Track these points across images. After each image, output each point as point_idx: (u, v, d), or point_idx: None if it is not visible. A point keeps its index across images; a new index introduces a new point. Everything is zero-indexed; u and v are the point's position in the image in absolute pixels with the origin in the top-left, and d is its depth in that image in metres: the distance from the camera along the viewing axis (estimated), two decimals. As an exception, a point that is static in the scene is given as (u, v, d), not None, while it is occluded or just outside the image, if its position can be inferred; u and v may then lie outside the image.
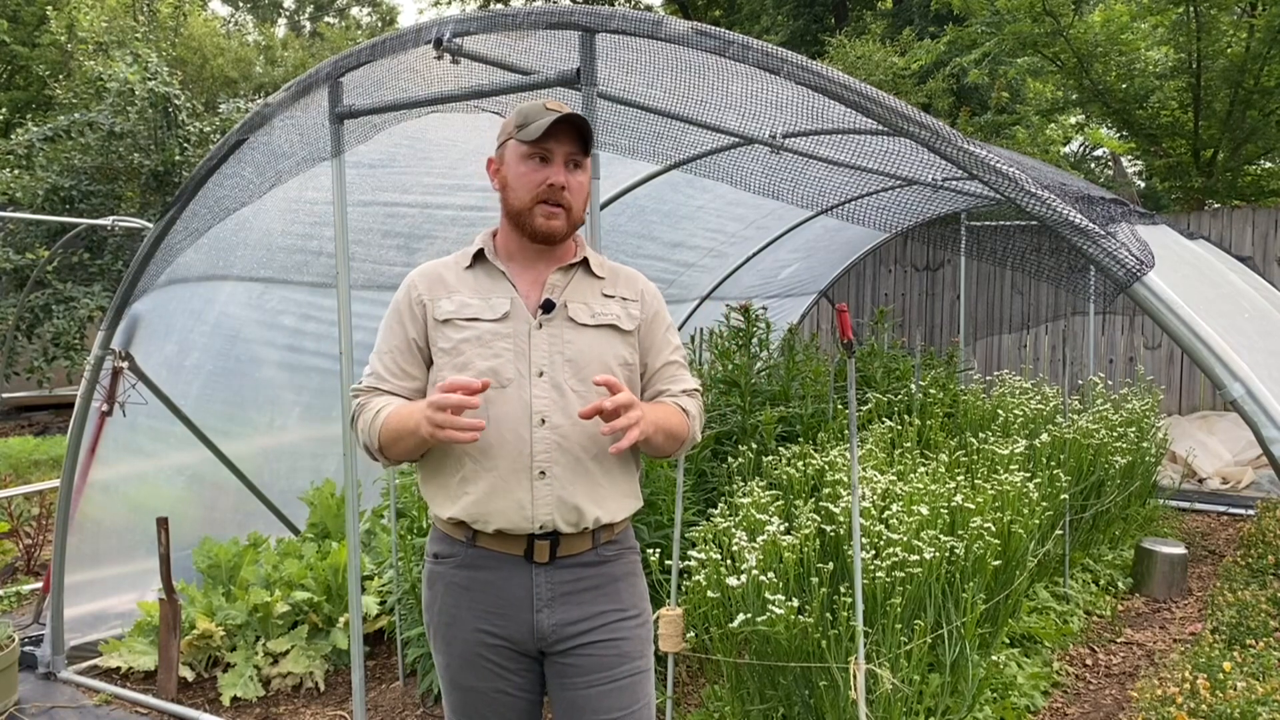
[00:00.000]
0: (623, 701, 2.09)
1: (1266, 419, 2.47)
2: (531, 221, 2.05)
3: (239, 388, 4.90)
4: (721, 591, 3.18)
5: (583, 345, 2.05)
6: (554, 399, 2.01)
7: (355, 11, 30.19)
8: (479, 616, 2.08)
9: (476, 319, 2.05)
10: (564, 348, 2.04)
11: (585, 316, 2.07)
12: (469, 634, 2.08)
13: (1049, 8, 10.30)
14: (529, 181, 2.03)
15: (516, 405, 2.01)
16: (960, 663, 3.57)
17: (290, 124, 3.65)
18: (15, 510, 6.27)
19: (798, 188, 4.44)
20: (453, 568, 2.09)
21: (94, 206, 10.60)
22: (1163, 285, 2.58)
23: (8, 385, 10.56)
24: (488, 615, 2.07)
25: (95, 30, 13.32)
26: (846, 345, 3.04)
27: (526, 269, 2.10)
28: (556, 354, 2.03)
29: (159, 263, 4.20)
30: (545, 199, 2.02)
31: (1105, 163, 18.04)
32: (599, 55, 2.83)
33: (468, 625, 2.08)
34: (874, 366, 6.08)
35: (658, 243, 6.37)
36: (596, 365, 2.05)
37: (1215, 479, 7.94)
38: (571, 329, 2.05)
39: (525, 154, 2.04)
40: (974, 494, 3.91)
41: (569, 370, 2.03)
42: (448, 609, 2.11)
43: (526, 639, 2.07)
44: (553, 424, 2.01)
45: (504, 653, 2.09)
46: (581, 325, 2.06)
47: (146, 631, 4.41)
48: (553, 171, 2.02)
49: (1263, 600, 4.49)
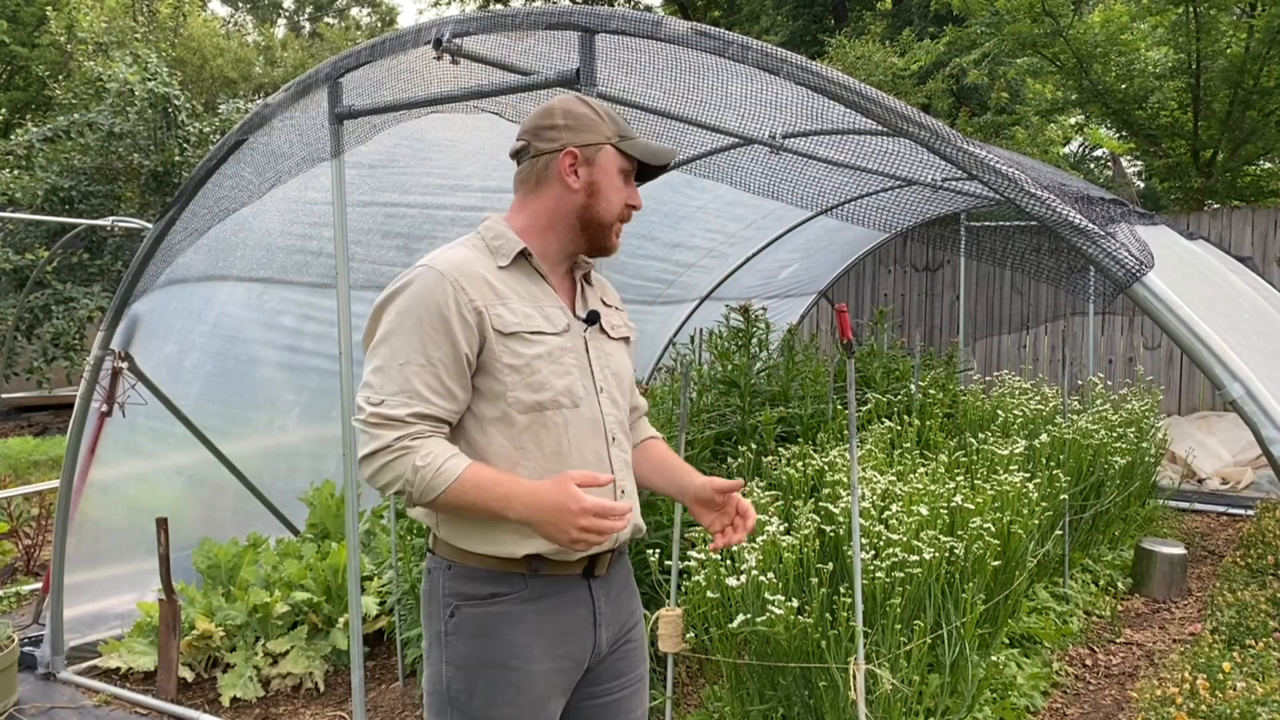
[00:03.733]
0: (644, 696, 2.09)
1: (1266, 419, 2.47)
2: (609, 237, 1.97)
3: (238, 388, 4.90)
4: (721, 592, 3.18)
5: (618, 358, 2.01)
6: (615, 415, 1.97)
7: (355, 12, 30.20)
8: (548, 650, 1.89)
9: (541, 332, 1.88)
10: (608, 361, 1.98)
11: (609, 328, 2.01)
12: (542, 671, 1.88)
13: (1049, 8, 10.31)
14: (621, 196, 1.95)
15: (591, 424, 1.91)
16: (960, 663, 3.57)
17: (290, 124, 3.65)
18: (15, 511, 6.27)
19: (797, 188, 4.45)
20: (515, 604, 1.86)
21: (93, 207, 10.60)
22: (1162, 286, 2.58)
23: (7, 386, 10.56)
24: (556, 644, 1.90)
25: (95, 31, 13.32)
26: (846, 346, 3.04)
27: (555, 275, 1.98)
28: (605, 368, 1.96)
29: (159, 263, 4.20)
30: (623, 218, 1.97)
31: (1105, 163, 18.05)
32: (598, 55, 2.83)
33: (541, 663, 1.87)
34: (874, 367, 6.08)
35: (657, 243, 6.37)
36: (627, 378, 2.03)
37: (1215, 479, 7.94)
38: (607, 342, 1.99)
39: (621, 167, 1.95)
40: (973, 494, 3.91)
41: (614, 384, 1.98)
42: (518, 649, 1.86)
43: (588, 659, 1.96)
44: (619, 442, 1.97)
45: (569, 681, 1.94)
46: (611, 338, 2.01)
47: (146, 632, 4.41)
48: (634, 193, 1.99)
49: (1262, 600, 4.49)
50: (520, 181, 1.97)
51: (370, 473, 1.78)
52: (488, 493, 1.75)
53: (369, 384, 1.80)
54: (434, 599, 1.91)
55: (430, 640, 1.93)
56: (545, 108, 1.96)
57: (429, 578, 1.93)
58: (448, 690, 1.88)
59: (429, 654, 1.94)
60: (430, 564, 1.94)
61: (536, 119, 1.95)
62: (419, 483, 1.73)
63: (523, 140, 1.95)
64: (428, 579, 1.94)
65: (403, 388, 1.78)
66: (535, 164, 1.93)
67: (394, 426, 1.76)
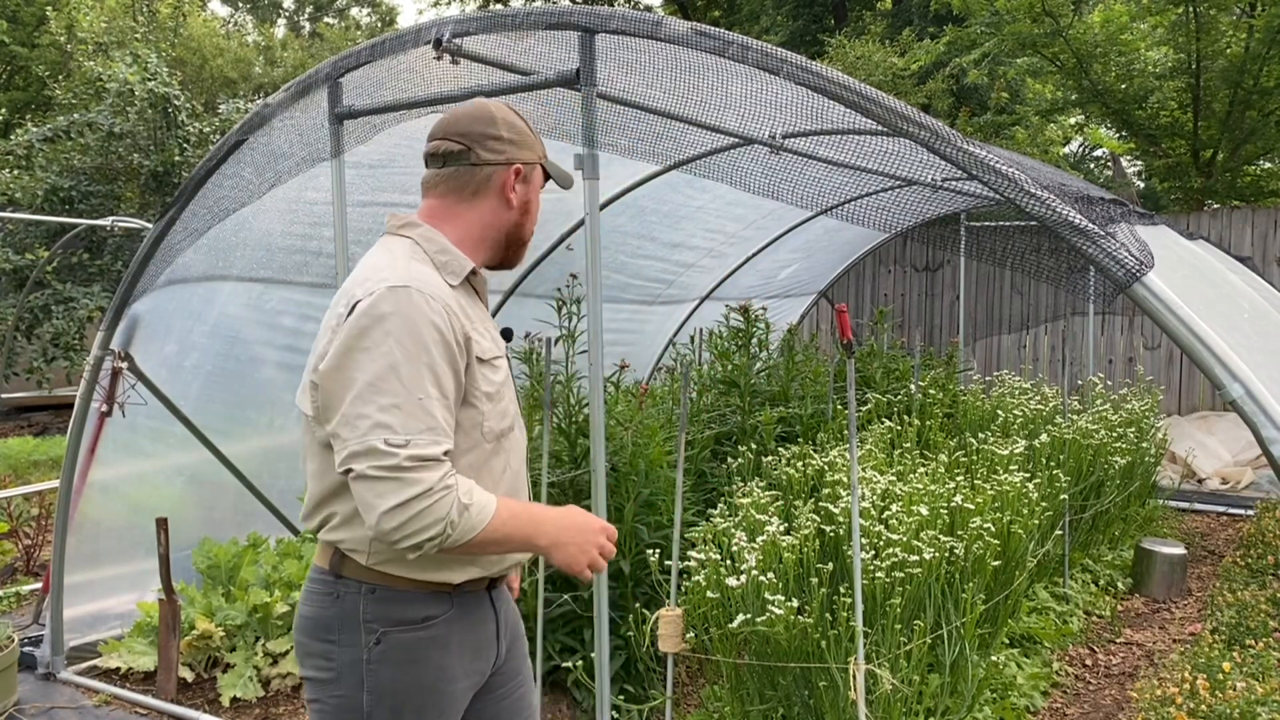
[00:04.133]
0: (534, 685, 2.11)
1: (1266, 419, 2.47)
2: (522, 254, 1.96)
3: (238, 388, 4.90)
4: (721, 592, 3.18)
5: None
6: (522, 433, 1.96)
7: (355, 12, 30.20)
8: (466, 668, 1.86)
9: (499, 356, 1.84)
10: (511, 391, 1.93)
11: None
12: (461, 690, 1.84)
13: (1048, 8, 10.31)
14: (537, 215, 1.94)
15: (521, 445, 1.92)
16: (960, 663, 3.57)
17: (290, 124, 3.66)
18: (15, 511, 6.27)
19: (797, 188, 4.44)
20: (443, 626, 1.79)
21: (93, 207, 10.60)
22: (1162, 286, 2.58)
23: (7, 386, 10.56)
24: (472, 661, 1.87)
25: (95, 31, 13.32)
26: (846, 346, 3.04)
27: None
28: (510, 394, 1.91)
29: (158, 263, 4.20)
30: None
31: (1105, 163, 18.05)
32: (598, 55, 2.83)
33: (460, 681, 1.84)
34: (873, 367, 6.08)
35: (657, 243, 6.37)
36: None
37: (1215, 479, 7.94)
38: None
39: (540, 185, 1.93)
40: (973, 494, 3.91)
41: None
42: (445, 672, 1.80)
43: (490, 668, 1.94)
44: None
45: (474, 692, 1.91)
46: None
47: (146, 632, 4.41)
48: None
49: (1262, 600, 4.49)
50: (452, 188, 1.86)
51: (403, 520, 1.58)
52: (521, 521, 1.71)
53: (385, 425, 1.61)
54: (348, 625, 1.76)
55: (339, 669, 1.77)
56: (482, 113, 1.87)
57: (337, 603, 1.77)
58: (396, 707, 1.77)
59: (335, 683, 1.78)
60: (336, 589, 1.77)
61: (476, 124, 1.85)
62: (463, 523, 1.62)
63: (458, 143, 1.85)
64: (334, 604, 1.77)
65: (429, 425, 1.64)
66: (476, 173, 1.85)
67: (432, 467, 1.62)
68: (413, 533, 1.60)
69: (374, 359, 1.65)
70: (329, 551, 1.81)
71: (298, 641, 1.86)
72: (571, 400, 4.13)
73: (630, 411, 4.31)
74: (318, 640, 1.80)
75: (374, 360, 1.65)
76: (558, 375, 4.09)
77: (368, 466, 1.60)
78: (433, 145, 1.88)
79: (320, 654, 1.80)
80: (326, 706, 1.80)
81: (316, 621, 1.81)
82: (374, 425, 1.61)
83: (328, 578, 1.80)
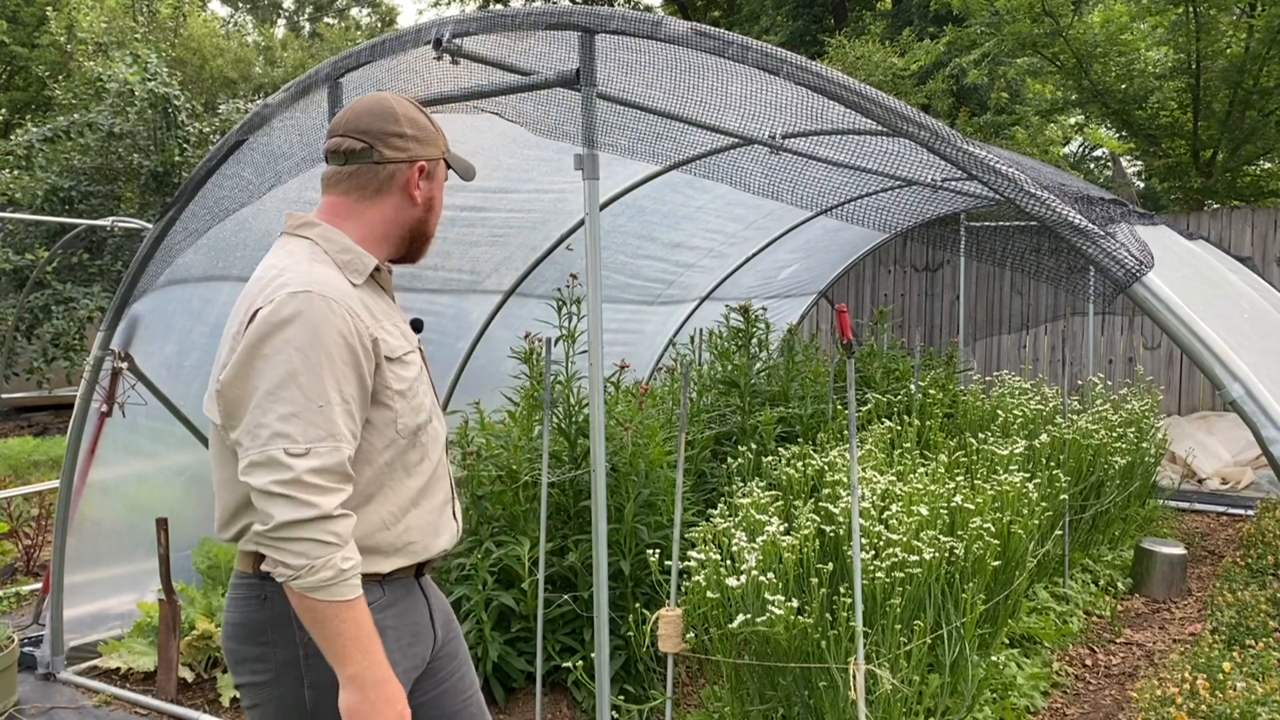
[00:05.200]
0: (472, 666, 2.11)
1: (1266, 419, 2.47)
2: (426, 249, 1.95)
3: (238, 388, 4.90)
4: (721, 592, 3.18)
5: None
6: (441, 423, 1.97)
7: (354, 12, 30.20)
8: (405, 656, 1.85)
9: (410, 351, 1.84)
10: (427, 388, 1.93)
11: None
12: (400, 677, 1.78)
13: (1048, 8, 10.31)
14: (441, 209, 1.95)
15: (440, 435, 1.92)
16: (960, 663, 3.57)
17: (290, 125, 3.65)
18: (14, 511, 6.27)
19: (797, 188, 4.44)
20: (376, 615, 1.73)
21: (93, 207, 10.60)
22: (1162, 286, 2.58)
23: (7, 386, 10.55)
24: (409, 647, 1.87)
25: (95, 31, 13.31)
26: (846, 346, 3.04)
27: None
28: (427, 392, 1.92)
29: (158, 263, 4.20)
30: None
31: (1105, 163, 18.05)
32: (598, 56, 2.83)
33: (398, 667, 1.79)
34: (873, 367, 6.09)
35: (657, 243, 6.37)
36: None
37: (1215, 479, 7.94)
38: None
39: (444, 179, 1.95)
40: (973, 494, 3.91)
41: None
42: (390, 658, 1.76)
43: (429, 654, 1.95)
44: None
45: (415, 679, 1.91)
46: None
47: (146, 632, 4.41)
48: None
49: (1262, 600, 4.49)
50: (354, 185, 1.84)
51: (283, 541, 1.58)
52: (357, 638, 1.64)
53: (281, 434, 1.60)
54: (279, 625, 1.75)
55: (275, 670, 1.77)
56: (384, 109, 1.85)
57: (265, 605, 1.76)
58: (311, 715, 1.77)
59: (274, 684, 1.78)
60: (263, 590, 1.76)
61: (379, 120, 1.83)
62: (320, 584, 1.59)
63: (360, 141, 1.83)
64: (262, 606, 1.77)
65: (330, 432, 1.63)
66: (379, 171, 1.83)
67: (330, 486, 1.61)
68: (281, 552, 1.59)
69: (273, 367, 1.63)
70: (250, 557, 1.80)
71: (228, 650, 1.84)
72: (571, 400, 4.13)
73: (630, 411, 4.31)
74: (251, 645, 1.79)
75: (273, 369, 1.63)
76: (558, 375, 4.09)
77: (268, 481, 1.59)
78: (333, 142, 1.85)
79: (255, 658, 1.79)
80: (268, 710, 1.80)
81: (247, 627, 1.80)
82: (273, 435, 1.60)
83: (253, 580, 1.78)
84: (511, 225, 5.29)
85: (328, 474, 1.61)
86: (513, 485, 4.04)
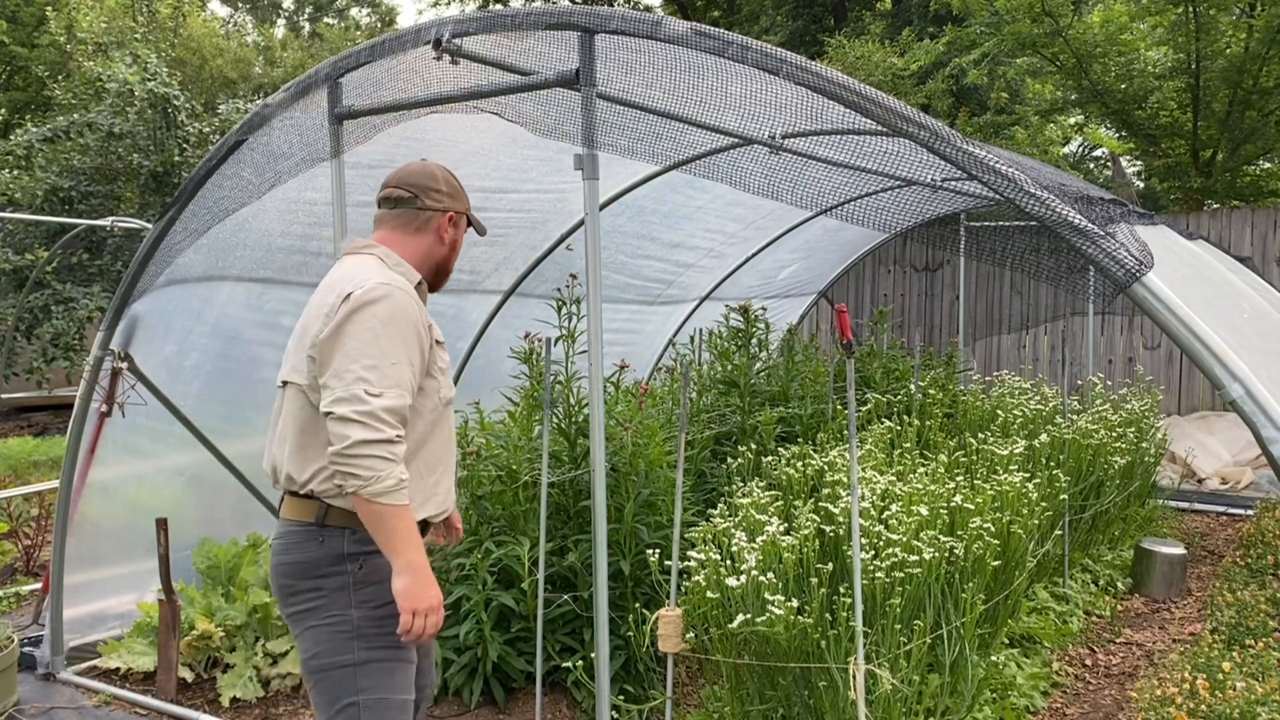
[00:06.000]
0: None
1: (1265, 419, 2.47)
2: (444, 281, 2.56)
3: (238, 388, 4.89)
4: (721, 592, 3.18)
5: None
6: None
7: (354, 12, 30.18)
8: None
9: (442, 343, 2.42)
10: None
11: None
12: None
13: (1048, 8, 10.31)
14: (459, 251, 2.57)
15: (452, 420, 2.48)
16: (960, 663, 3.57)
17: (289, 125, 3.65)
18: (14, 511, 6.27)
19: (797, 188, 4.44)
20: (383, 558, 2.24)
21: (93, 207, 10.59)
22: (1162, 286, 2.58)
23: (7, 386, 10.55)
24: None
25: (94, 31, 13.30)
26: (846, 346, 3.04)
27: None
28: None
29: (158, 263, 4.20)
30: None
31: (1104, 163, 18.05)
32: (598, 56, 2.83)
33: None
34: (873, 367, 6.08)
35: (657, 243, 6.37)
36: None
37: (1214, 479, 7.94)
38: None
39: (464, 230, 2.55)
40: (973, 494, 3.91)
41: None
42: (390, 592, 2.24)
43: None
44: None
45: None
46: None
47: (146, 632, 4.41)
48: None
49: (1262, 600, 4.49)
50: (401, 223, 2.44)
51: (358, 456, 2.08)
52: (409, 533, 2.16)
53: (363, 378, 2.13)
54: (335, 560, 2.27)
55: (328, 596, 2.27)
56: (428, 171, 2.47)
57: (322, 546, 2.27)
58: (355, 630, 2.27)
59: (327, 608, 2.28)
60: (321, 535, 2.27)
61: (422, 179, 2.45)
62: (387, 490, 2.10)
63: (408, 191, 2.44)
64: (321, 547, 2.27)
65: (398, 382, 2.17)
66: (420, 214, 2.44)
67: (394, 423, 2.13)
68: (355, 466, 2.09)
69: (361, 331, 2.17)
70: (314, 507, 2.28)
71: (282, 584, 2.32)
72: (571, 400, 4.13)
73: (630, 412, 4.31)
74: (307, 579, 2.29)
75: (361, 332, 2.17)
76: (557, 375, 4.09)
77: (349, 410, 2.10)
78: (386, 191, 2.47)
79: (310, 589, 2.29)
80: (320, 631, 2.29)
81: (305, 564, 2.29)
82: (357, 378, 2.13)
83: (312, 527, 2.28)
84: (511, 225, 5.29)
85: (394, 413, 2.14)
86: (512, 485, 4.04)
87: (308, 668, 2.33)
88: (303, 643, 2.33)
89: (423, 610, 2.18)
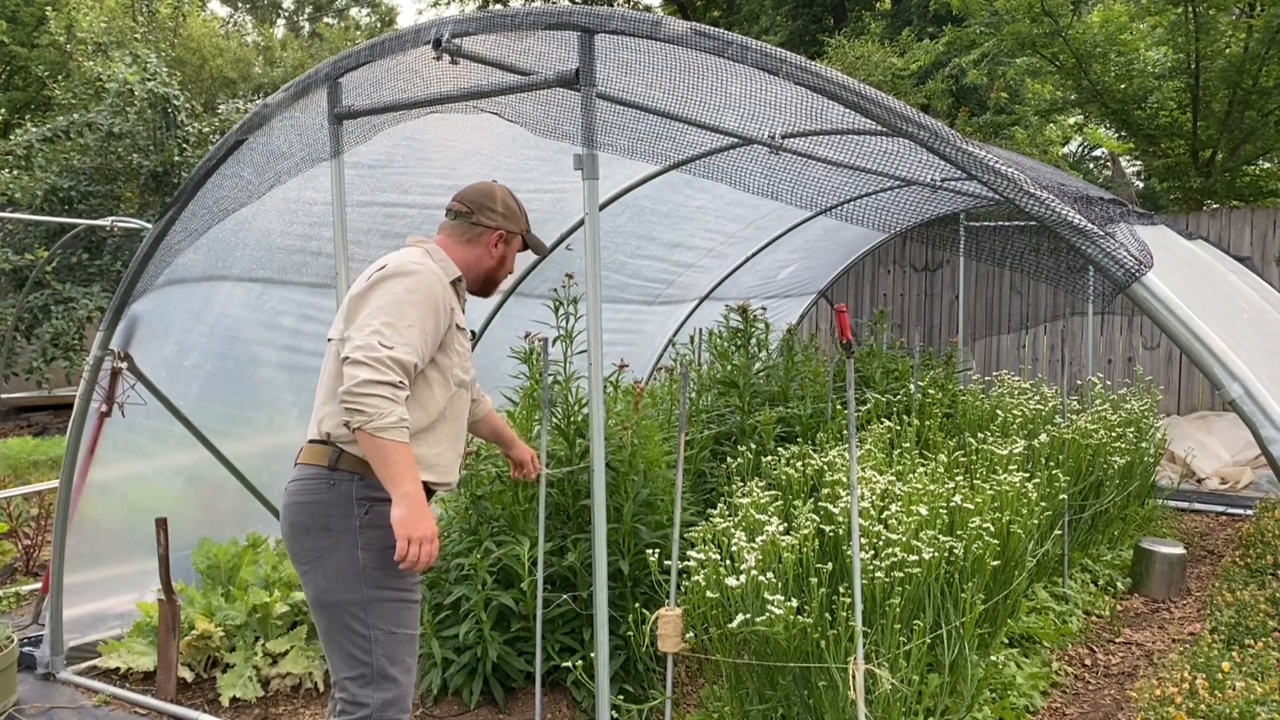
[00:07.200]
0: None
1: (1265, 419, 2.48)
2: (494, 290, 2.87)
3: (238, 388, 4.90)
4: (720, 592, 3.18)
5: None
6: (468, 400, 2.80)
7: (354, 12, 30.18)
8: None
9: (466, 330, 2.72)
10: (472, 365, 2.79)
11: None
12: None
13: (1048, 8, 10.31)
14: (512, 266, 2.88)
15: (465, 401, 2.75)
16: (959, 663, 3.57)
17: (289, 124, 3.65)
18: (14, 511, 6.27)
19: (797, 188, 4.44)
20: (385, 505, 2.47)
21: (93, 207, 10.59)
22: (1161, 286, 2.58)
23: (7, 386, 10.55)
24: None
25: (94, 31, 13.30)
26: (845, 346, 3.04)
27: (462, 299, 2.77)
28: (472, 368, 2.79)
29: (158, 263, 4.20)
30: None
31: (1104, 163, 18.05)
32: (598, 56, 2.83)
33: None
34: (873, 367, 6.08)
35: (657, 243, 6.37)
36: None
37: (1214, 479, 7.94)
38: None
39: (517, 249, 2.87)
40: (973, 494, 3.91)
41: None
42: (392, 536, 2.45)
43: None
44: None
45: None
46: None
47: (145, 632, 4.41)
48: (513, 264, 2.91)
49: (1261, 600, 4.49)
50: (458, 233, 2.77)
51: (364, 394, 2.32)
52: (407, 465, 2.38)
53: (380, 331, 2.40)
54: (344, 503, 2.50)
55: (336, 537, 2.50)
56: (488, 192, 2.80)
57: (334, 489, 2.51)
58: (362, 570, 2.49)
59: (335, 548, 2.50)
60: (333, 479, 2.51)
61: (482, 198, 2.79)
62: (387, 426, 2.34)
63: (466, 207, 2.78)
64: (331, 490, 2.51)
65: (409, 342, 2.44)
66: (474, 228, 2.77)
67: (399, 371, 2.38)
68: (360, 403, 2.33)
69: (387, 294, 2.48)
70: (327, 451, 2.53)
71: (293, 524, 2.55)
72: (570, 400, 4.13)
73: (629, 411, 4.31)
74: (317, 519, 2.52)
75: (387, 295, 2.47)
76: (556, 375, 4.09)
77: (363, 354, 2.37)
78: (452, 204, 2.82)
79: (320, 527, 2.52)
80: (328, 569, 2.51)
81: (316, 505, 2.52)
82: (374, 331, 2.41)
83: (323, 472, 2.53)
84: (511, 225, 5.27)
85: (400, 364, 2.40)
86: (512, 485, 4.04)
87: (318, 602, 2.53)
88: (311, 579, 2.54)
89: (418, 538, 2.37)
